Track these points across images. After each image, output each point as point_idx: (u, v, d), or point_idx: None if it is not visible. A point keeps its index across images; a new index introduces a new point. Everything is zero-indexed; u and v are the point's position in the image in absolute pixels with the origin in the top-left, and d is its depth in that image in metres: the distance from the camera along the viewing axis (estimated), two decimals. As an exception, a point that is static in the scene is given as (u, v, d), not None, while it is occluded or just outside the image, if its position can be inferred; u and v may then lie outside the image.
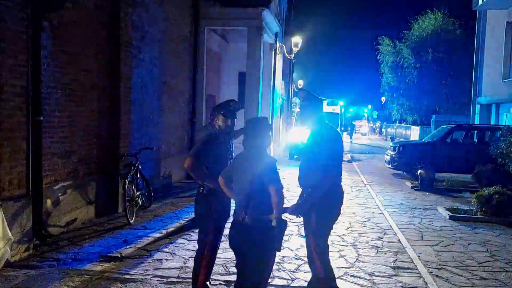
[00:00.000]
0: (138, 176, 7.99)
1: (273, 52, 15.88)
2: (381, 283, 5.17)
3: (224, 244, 4.70)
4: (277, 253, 3.60)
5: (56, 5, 6.11)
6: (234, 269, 4.07)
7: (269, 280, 4.98)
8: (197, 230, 4.70)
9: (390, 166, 14.98)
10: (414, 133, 33.28)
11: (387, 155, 15.29)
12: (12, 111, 5.44)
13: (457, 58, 30.39)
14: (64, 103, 6.61)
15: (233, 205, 3.75)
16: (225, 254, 5.72)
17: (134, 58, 8.55)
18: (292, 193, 10.90)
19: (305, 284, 4.69)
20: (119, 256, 5.73)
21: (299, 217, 4.16)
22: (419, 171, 12.32)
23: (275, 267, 5.48)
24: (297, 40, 19.11)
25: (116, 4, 7.81)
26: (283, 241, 3.60)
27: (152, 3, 9.59)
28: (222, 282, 4.95)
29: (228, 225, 3.73)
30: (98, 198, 7.60)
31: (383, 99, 45.92)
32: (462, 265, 5.93)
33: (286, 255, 6.00)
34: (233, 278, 4.29)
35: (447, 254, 6.38)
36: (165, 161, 10.59)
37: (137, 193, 7.77)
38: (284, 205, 3.49)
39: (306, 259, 5.89)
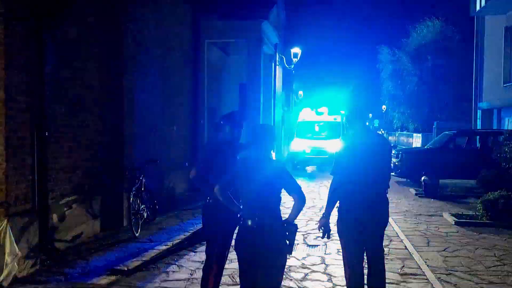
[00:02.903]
0: (143, 189, 7.99)
1: (273, 63, 15.98)
2: (389, 290, 5.15)
3: (231, 254, 4.69)
4: None
5: (59, 21, 6.19)
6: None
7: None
8: (203, 242, 4.71)
9: (393, 173, 14.90)
10: (417, 141, 33.23)
11: (390, 162, 15.25)
12: (17, 127, 5.49)
13: (457, 64, 30.46)
14: (68, 118, 6.66)
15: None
16: (232, 264, 5.68)
17: (136, 72, 8.62)
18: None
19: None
20: (126, 269, 5.72)
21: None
22: (422, 178, 12.29)
23: (282, 276, 5.49)
24: (296, 50, 19.23)
25: (117, 20, 7.91)
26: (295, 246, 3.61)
27: (153, 18, 9.70)
28: (229, 293, 4.94)
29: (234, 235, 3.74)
30: (103, 212, 7.60)
31: (384, 107, 45.97)
32: (470, 270, 5.91)
33: (292, 264, 5.98)
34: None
35: (454, 260, 6.36)
36: (169, 173, 10.60)
37: (142, 206, 7.77)
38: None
39: (313, 267, 5.91)
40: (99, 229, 7.51)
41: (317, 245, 7.00)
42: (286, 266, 5.77)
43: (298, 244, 7.05)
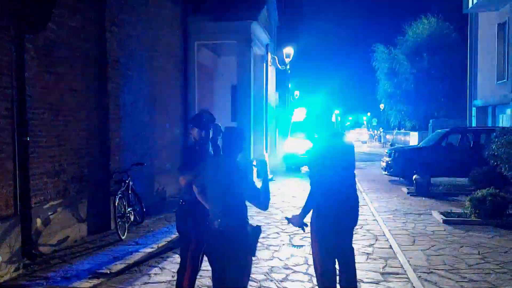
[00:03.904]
0: (130, 192, 8.01)
1: (264, 64, 15.98)
2: (369, 290, 5.16)
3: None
4: (265, 262, 3.63)
5: (39, 26, 6.19)
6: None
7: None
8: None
9: (386, 172, 14.96)
10: (413, 139, 33.22)
11: (383, 161, 15.28)
12: (-3, 132, 5.52)
13: (453, 61, 30.43)
14: (51, 123, 6.67)
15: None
16: (214, 266, 5.72)
17: (122, 75, 8.64)
18: (287, 203, 10.91)
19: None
20: (109, 272, 5.75)
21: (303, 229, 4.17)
22: (414, 176, 12.29)
23: (262, 277, 5.51)
24: (289, 51, 19.24)
25: (101, 24, 7.92)
26: (259, 247, 3.64)
27: (140, 21, 9.70)
28: (209, 295, 4.96)
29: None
30: (90, 215, 7.62)
31: (381, 106, 45.96)
32: (452, 268, 5.92)
33: (275, 265, 5.99)
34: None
35: (438, 258, 6.36)
36: (158, 176, 10.63)
37: (129, 209, 7.79)
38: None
39: (295, 268, 5.93)
40: (86, 233, 7.53)
41: (303, 246, 7.01)
42: (268, 267, 5.83)
43: (283, 244, 7.06)
